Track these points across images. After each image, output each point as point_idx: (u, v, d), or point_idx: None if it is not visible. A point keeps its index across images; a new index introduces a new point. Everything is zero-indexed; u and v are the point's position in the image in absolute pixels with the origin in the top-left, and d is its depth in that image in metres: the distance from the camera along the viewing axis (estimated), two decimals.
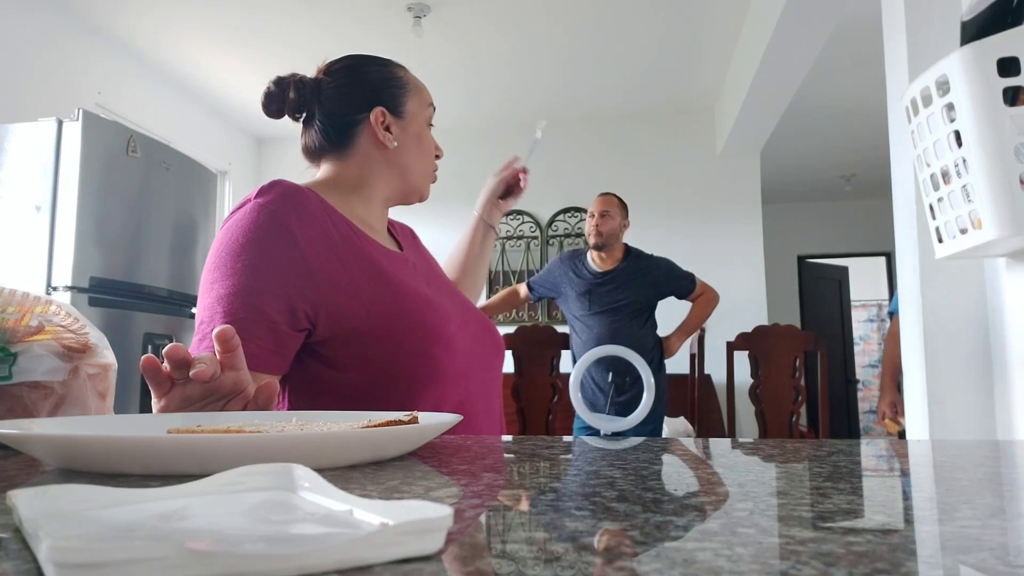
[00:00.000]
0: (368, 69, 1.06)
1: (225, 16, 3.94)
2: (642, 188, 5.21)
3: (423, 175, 1.09)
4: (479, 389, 1.02)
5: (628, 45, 4.30)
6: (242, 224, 0.88)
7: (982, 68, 1.06)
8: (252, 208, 0.89)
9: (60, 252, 2.75)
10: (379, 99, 1.04)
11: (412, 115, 1.06)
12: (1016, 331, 1.37)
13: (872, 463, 0.54)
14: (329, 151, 1.05)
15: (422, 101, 1.08)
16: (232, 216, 0.91)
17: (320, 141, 1.05)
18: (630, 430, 2.85)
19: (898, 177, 1.77)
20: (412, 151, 1.06)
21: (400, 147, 1.04)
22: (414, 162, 1.07)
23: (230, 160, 5.39)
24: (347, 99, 1.04)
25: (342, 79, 1.05)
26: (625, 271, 2.90)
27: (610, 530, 0.31)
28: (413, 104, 1.07)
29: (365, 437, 0.48)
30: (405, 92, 1.06)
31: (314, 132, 1.05)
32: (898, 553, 0.27)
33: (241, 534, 0.27)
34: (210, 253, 0.90)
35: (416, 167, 1.07)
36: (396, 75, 1.07)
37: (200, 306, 0.88)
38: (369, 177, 1.04)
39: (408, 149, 1.06)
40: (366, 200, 1.04)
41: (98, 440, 0.45)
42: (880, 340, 9.06)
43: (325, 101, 1.04)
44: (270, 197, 0.90)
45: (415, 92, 1.08)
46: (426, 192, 1.11)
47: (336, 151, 1.04)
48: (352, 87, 1.04)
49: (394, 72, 1.07)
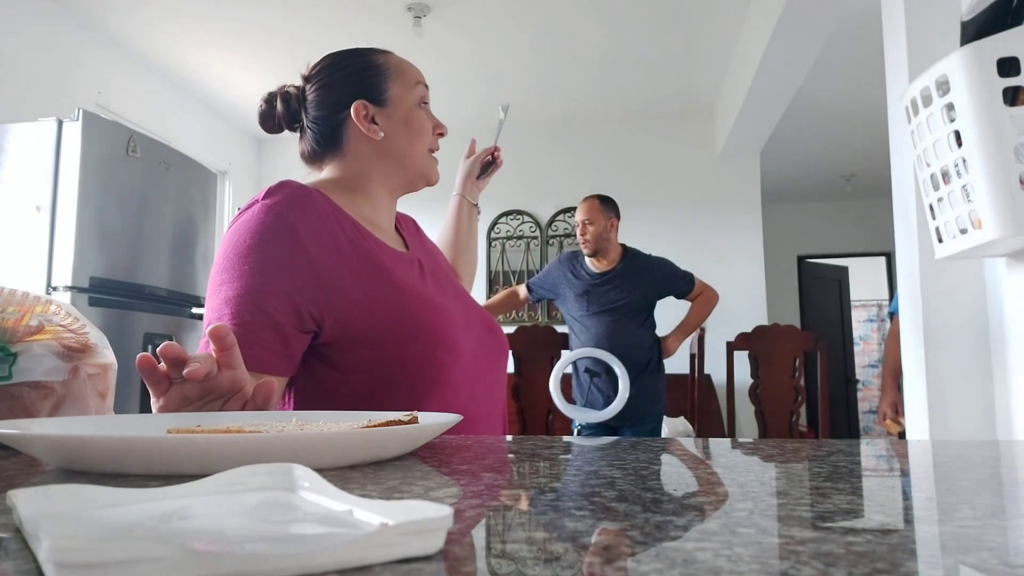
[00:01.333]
0: (344, 64, 1.04)
1: (225, 17, 3.94)
2: (642, 188, 5.21)
3: (421, 158, 1.06)
4: (483, 392, 1.01)
5: (628, 45, 4.30)
6: (249, 225, 0.88)
7: (982, 68, 1.06)
8: (260, 209, 0.89)
9: (60, 252, 2.75)
10: (358, 92, 1.02)
11: (396, 100, 1.03)
12: (1016, 331, 1.37)
13: (872, 463, 0.54)
14: (324, 154, 1.05)
15: (407, 82, 1.05)
16: (240, 217, 0.91)
17: (314, 146, 1.05)
18: (630, 430, 2.85)
19: (898, 177, 1.77)
20: (401, 137, 1.03)
21: (388, 136, 1.02)
22: (407, 147, 1.04)
23: (230, 160, 5.39)
24: (328, 100, 1.03)
25: (321, 81, 1.04)
26: (623, 271, 2.90)
27: (610, 530, 0.31)
28: (396, 88, 1.04)
29: (365, 437, 0.49)
30: (385, 78, 1.03)
31: (307, 139, 1.05)
32: (898, 553, 0.27)
33: (241, 534, 0.27)
34: (218, 254, 0.90)
35: (410, 152, 1.04)
36: (374, 63, 1.04)
37: (208, 307, 0.88)
38: (367, 172, 1.03)
39: (397, 136, 1.03)
40: (370, 196, 1.04)
41: (98, 440, 0.45)
42: (880, 340, 9.06)
43: (310, 107, 1.04)
44: (277, 199, 0.90)
45: (396, 75, 1.05)
46: (432, 175, 1.08)
47: (331, 152, 1.04)
48: (331, 87, 1.03)
49: (372, 60, 1.05)
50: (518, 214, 5.50)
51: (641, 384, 2.82)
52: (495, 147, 1.40)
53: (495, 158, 1.40)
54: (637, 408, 2.82)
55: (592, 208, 2.90)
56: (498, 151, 1.40)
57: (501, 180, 5.95)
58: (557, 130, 5.46)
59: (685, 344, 3.11)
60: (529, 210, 5.47)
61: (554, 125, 5.47)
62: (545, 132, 5.49)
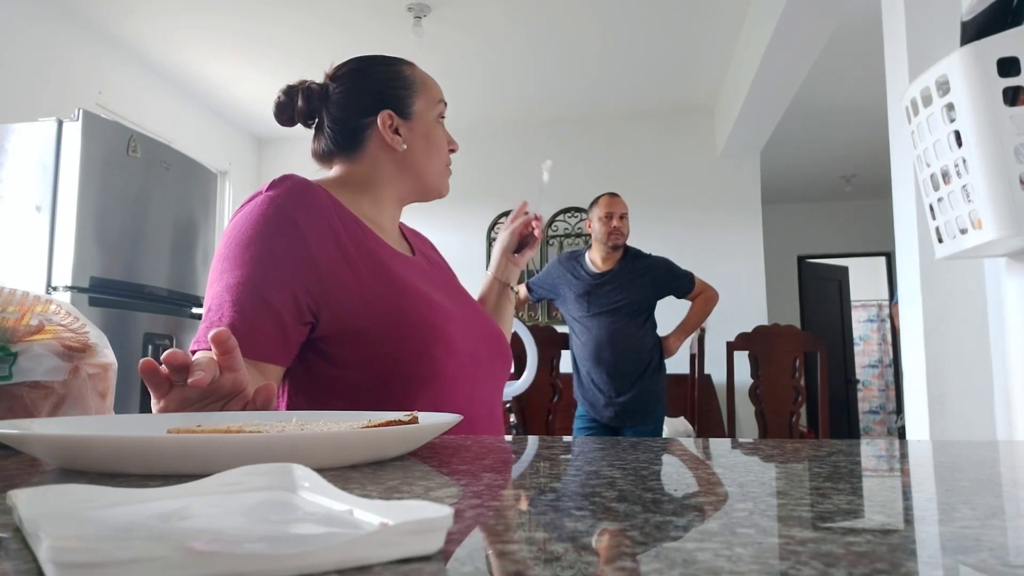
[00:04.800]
0: (374, 71, 1.06)
1: (225, 16, 3.94)
2: (642, 188, 5.21)
3: (436, 174, 1.09)
4: (482, 395, 1.02)
5: (628, 45, 4.30)
6: (251, 216, 0.90)
7: (982, 68, 1.06)
8: (262, 201, 0.91)
9: (60, 252, 2.75)
10: (385, 102, 1.04)
11: (420, 115, 1.06)
12: (1016, 331, 1.37)
13: (872, 463, 0.54)
14: (339, 154, 1.06)
15: (431, 99, 1.08)
16: (243, 208, 0.93)
17: (330, 146, 1.05)
18: (631, 430, 2.85)
19: (898, 177, 1.77)
20: (421, 152, 1.06)
21: (409, 149, 1.05)
22: (424, 162, 1.07)
23: (230, 160, 5.39)
24: (354, 104, 1.04)
25: (348, 83, 1.05)
26: (624, 271, 2.90)
27: (610, 530, 0.31)
28: (421, 103, 1.06)
29: (365, 437, 0.48)
30: (412, 92, 1.06)
31: (324, 138, 1.06)
32: (898, 553, 0.27)
33: (241, 534, 0.27)
34: (220, 243, 0.92)
35: (427, 167, 1.07)
36: (402, 74, 1.06)
37: (209, 294, 0.89)
38: (380, 178, 1.05)
39: (417, 150, 1.05)
40: (376, 200, 1.05)
41: (98, 440, 0.45)
42: (880, 340, 9.07)
43: (332, 107, 1.04)
44: (280, 191, 0.92)
45: (423, 90, 1.07)
46: (444, 188, 1.11)
47: (346, 154, 1.05)
48: (358, 91, 1.04)
49: (400, 71, 1.07)
50: None
51: (642, 384, 2.82)
52: (535, 216, 1.26)
53: (534, 229, 1.24)
54: (638, 408, 2.82)
55: (622, 202, 2.99)
56: (538, 222, 1.25)
57: (501, 180, 5.93)
58: (557, 130, 5.45)
59: (685, 344, 3.11)
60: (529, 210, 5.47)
61: (554, 125, 5.47)
62: (545, 132, 5.49)
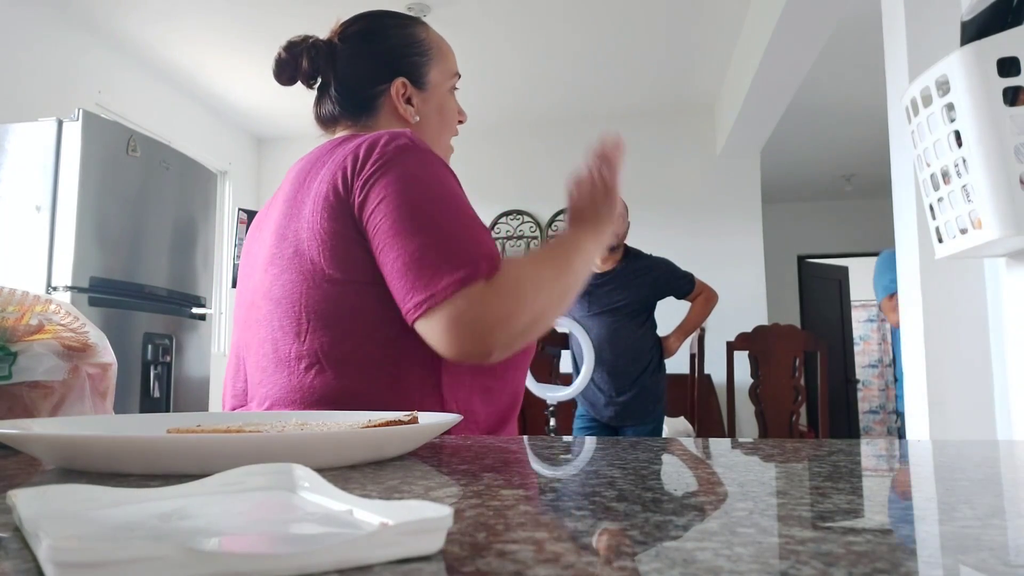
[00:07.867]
0: (387, 34, 0.99)
1: (225, 16, 3.94)
2: (642, 188, 5.20)
3: (444, 149, 1.04)
4: None
5: (628, 45, 4.30)
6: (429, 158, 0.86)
7: (982, 68, 1.06)
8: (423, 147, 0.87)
9: (60, 252, 2.74)
10: (400, 69, 0.98)
11: (435, 85, 1.01)
12: (1016, 331, 1.37)
13: (872, 463, 0.54)
14: (345, 118, 0.99)
15: (446, 70, 1.03)
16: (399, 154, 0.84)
17: (336, 111, 0.99)
18: (631, 430, 2.85)
19: (898, 177, 1.77)
20: (433, 124, 1.01)
21: (422, 120, 1.00)
22: (435, 135, 1.01)
23: (230, 160, 5.38)
24: (366, 70, 0.98)
25: (359, 46, 0.98)
26: (624, 272, 2.90)
27: (610, 530, 0.31)
28: (436, 73, 1.01)
29: (365, 437, 0.49)
30: (428, 60, 1.00)
31: (329, 101, 0.99)
32: (898, 553, 0.27)
33: (241, 534, 0.27)
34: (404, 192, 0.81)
35: (437, 140, 1.01)
36: (418, 38, 1.00)
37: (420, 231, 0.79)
38: None
39: (429, 122, 1.00)
40: None
41: (98, 440, 0.45)
42: (880, 340, 9.07)
43: (341, 69, 0.98)
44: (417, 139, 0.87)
45: (439, 58, 1.02)
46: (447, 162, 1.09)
47: (353, 119, 0.99)
48: (371, 56, 0.98)
49: (415, 35, 1.00)
50: (518, 214, 5.49)
51: (642, 384, 2.82)
52: None
53: None
54: (638, 408, 2.82)
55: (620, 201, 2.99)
56: None
57: (501, 180, 5.92)
58: (557, 130, 5.45)
59: (685, 344, 3.12)
60: (529, 210, 5.47)
61: (554, 125, 5.47)
62: (545, 132, 5.49)
